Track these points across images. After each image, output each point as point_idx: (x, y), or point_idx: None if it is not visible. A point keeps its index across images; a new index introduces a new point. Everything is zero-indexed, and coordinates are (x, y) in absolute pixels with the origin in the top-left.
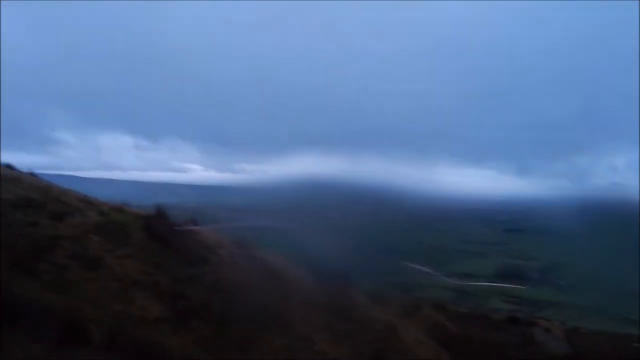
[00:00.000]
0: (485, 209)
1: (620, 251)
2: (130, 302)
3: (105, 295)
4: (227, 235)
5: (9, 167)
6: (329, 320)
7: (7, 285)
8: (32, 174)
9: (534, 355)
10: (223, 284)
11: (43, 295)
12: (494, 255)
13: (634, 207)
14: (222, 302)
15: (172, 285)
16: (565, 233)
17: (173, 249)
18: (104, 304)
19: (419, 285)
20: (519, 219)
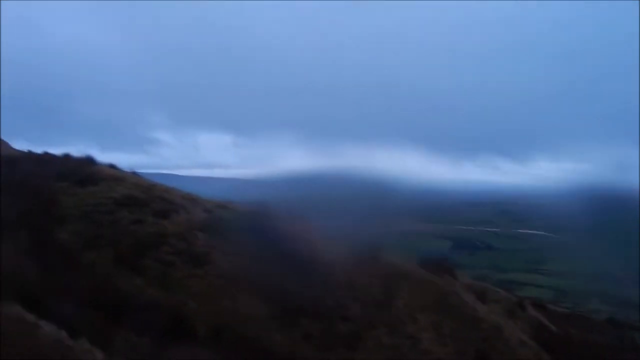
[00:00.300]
0: (582, 201)
1: None
2: (236, 299)
3: (211, 292)
4: (331, 229)
5: (111, 166)
6: (436, 318)
7: (113, 282)
8: (134, 173)
9: None
10: (330, 280)
11: (149, 292)
12: (597, 254)
13: None
14: (330, 298)
15: (278, 282)
16: None
17: (279, 246)
18: (210, 301)
19: (517, 283)
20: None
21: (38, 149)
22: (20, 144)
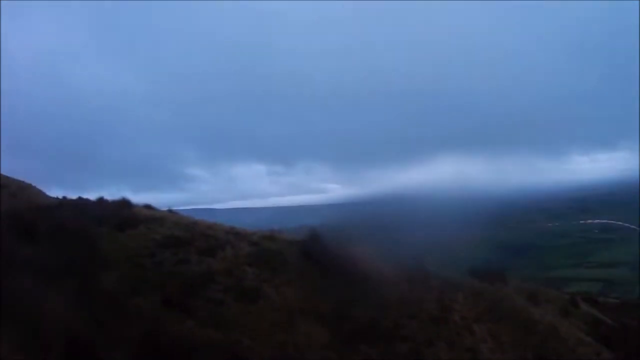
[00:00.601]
0: (620, 193)
1: None
2: (293, 331)
3: (266, 326)
4: (381, 252)
5: (147, 207)
6: (492, 327)
7: (164, 326)
8: (170, 211)
9: None
10: (385, 303)
11: (201, 333)
12: (637, 241)
13: None
14: (387, 321)
15: (334, 309)
16: None
17: (331, 272)
18: (266, 335)
19: (563, 280)
20: None
21: (72, 195)
22: (54, 192)
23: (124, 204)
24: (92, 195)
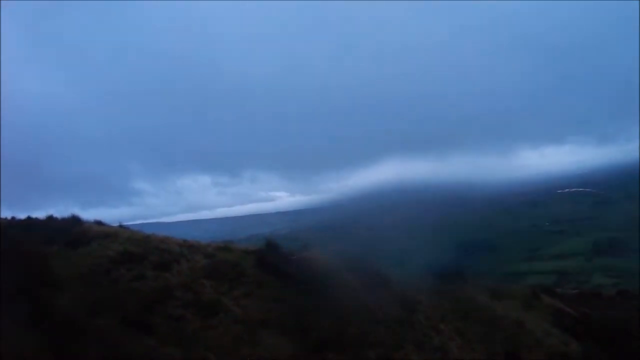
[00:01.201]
0: (570, 185)
1: None
2: (258, 344)
3: (229, 341)
4: (336, 256)
5: (98, 223)
6: (459, 325)
7: (124, 347)
8: (121, 227)
9: None
10: (349, 310)
11: (164, 351)
12: (588, 232)
13: None
14: (353, 328)
15: (297, 318)
16: None
17: (290, 281)
18: (230, 350)
19: (518, 274)
20: (606, 190)
21: (21, 215)
22: (1, 212)
23: (74, 221)
24: (40, 214)
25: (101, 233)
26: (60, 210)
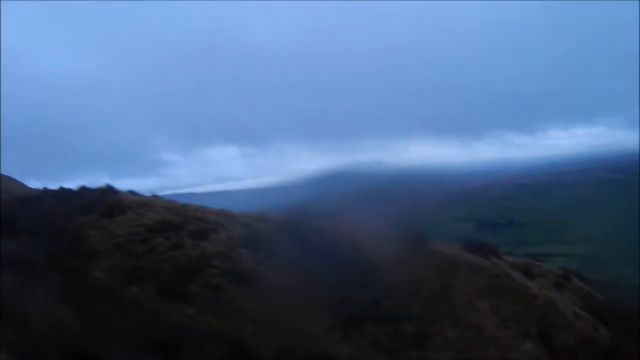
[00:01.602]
0: (597, 168)
1: None
2: (295, 315)
3: (267, 312)
4: (370, 225)
5: (132, 192)
6: (495, 303)
7: (161, 316)
8: (155, 196)
9: None
10: (386, 282)
11: (201, 320)
12: (615, 216)
13: None
14: (390, 300)
15: (335, 289)
16: None
17: (327, 249)
18: (268, 321)
19: (542, 256)
20: (634, 174)
21: (52, 186)
22: (32, 184)
23: (109, 190)
24: (70, 185)
25: (136, 202)
26: (91, 181)
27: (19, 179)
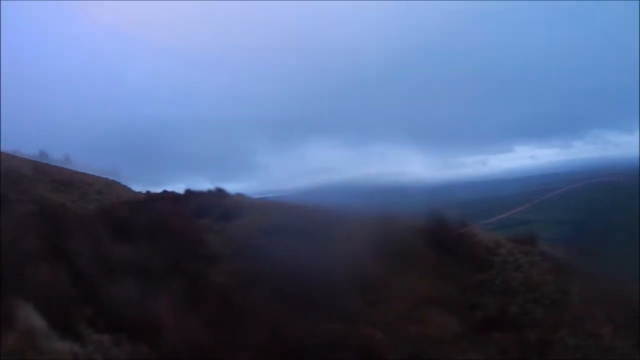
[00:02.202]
0: None
1: None
2: (424, 321)
3: (397, 318)
4: (498, 232)
5: (240, 195)
6: (609, 311)
7: (286, 323)
8: (265, 199)
9: None
10: (512, 286)
11: (329, 327)
12: None
13: None
14: (514, 306)
15: (464, 296)
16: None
17: (455, 256)
18: (397, 328)
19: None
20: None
21: (154, 189)
22: (136, 187)
23: (220, 193)
24: (171, 189)
25: (251, 205)
26: (190, 185)
27: (126, 183)
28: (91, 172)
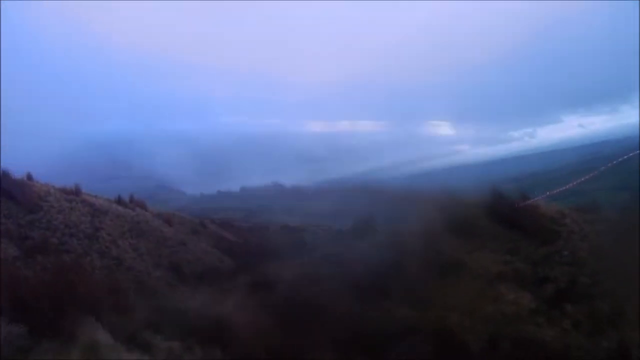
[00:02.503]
0: None
1: None
2: (499, 299)
3: (470, 298)
4: (560, 204)
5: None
6: None
7: (356, 312)
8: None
9: None
10: (580, 256)
11: (400, 314)
12: None
13: None
14: (584, 277)
15: (533, 269)
16: None
17: (521, 230)
18: (472, 308)
19: None
20: None
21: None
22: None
23: None
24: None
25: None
26: None
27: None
28: None
